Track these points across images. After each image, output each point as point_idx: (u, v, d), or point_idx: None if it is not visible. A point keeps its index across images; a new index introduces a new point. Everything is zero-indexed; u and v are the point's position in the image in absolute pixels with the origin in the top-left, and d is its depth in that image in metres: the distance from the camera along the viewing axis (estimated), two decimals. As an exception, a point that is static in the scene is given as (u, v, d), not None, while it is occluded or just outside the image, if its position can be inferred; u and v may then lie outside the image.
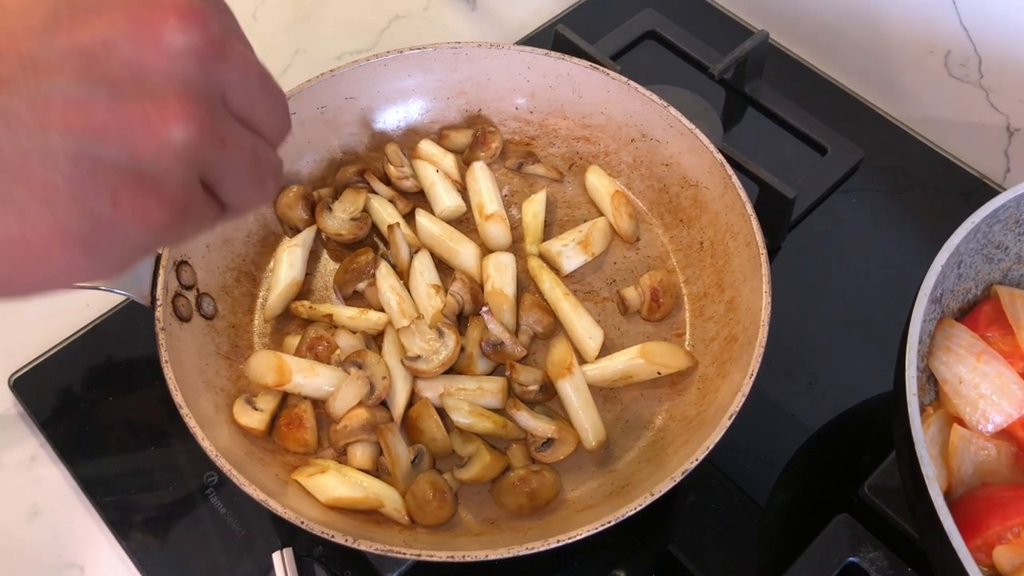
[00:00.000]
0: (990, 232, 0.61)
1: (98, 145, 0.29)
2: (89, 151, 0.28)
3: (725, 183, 0.68)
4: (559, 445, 0.62)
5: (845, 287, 0.78)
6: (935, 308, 0.60)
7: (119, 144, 0.29)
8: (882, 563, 0.61)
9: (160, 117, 0.29)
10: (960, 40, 0.83)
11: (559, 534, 0.53)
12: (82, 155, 0.28)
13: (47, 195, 0.28)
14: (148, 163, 0.30)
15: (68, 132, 0.28)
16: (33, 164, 0.28)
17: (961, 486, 0.57)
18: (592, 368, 0.66)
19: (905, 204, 0.84)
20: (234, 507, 0.66)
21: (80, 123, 0.28)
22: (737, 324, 0.64)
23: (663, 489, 0.54)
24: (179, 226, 0.32)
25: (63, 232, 0.29)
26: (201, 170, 0.32)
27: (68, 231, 0.29)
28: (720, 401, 0.60)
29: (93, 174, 0.29)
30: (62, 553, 0.66)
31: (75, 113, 0.28)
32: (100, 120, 0.29)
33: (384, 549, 0.52)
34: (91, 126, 0.28)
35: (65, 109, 0.28)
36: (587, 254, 0.72)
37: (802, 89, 0.92)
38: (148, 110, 0.29)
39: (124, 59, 0.29)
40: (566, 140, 0.79)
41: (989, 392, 0.58)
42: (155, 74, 0.30)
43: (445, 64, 0.76)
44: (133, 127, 0.29)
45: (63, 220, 0.29)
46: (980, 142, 0.87)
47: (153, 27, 0.30)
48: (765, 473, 0.69)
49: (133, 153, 0.29)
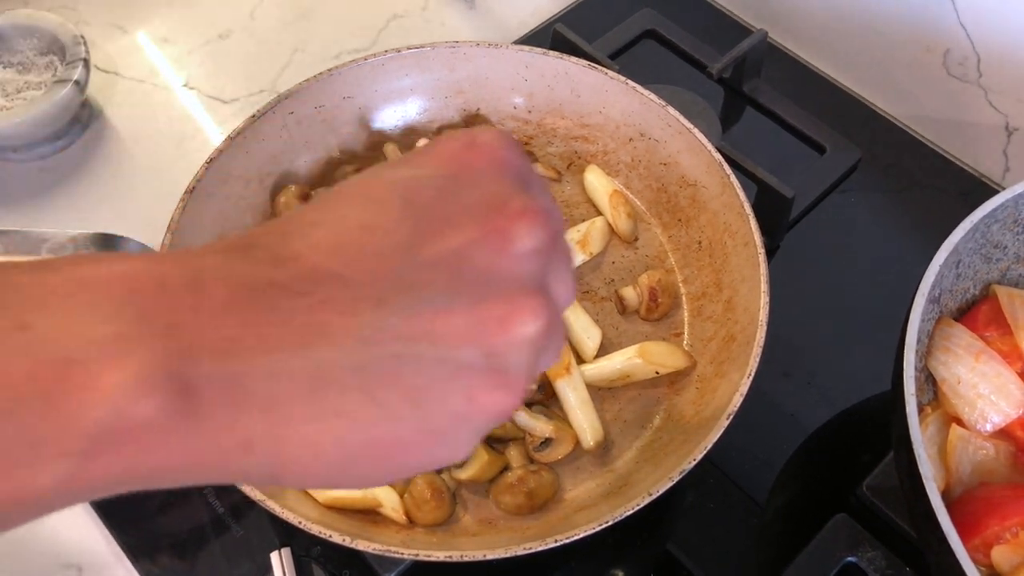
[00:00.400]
0: (989, 231, 0.61)
1: (459, 348, 0.31)
2: (451, 355, 0.31)
3: (723, 182, 0.68)
4: (557, 445, 0.62)
5: (843, 286, 0.78)
6: (933, 308, 0.60)
7: (477, 345, 0.31)
8: (880, 563, 0.61)
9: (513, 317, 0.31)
10: (959, 39, 0.83)
11: (557, 534, 0.53)
12: (445, 360, 0.30)
13: (416, 398, 0.30)
14: (501, 360, 0.32)
15: (433, 340, 0.30)
16: (406, 372, 0.30)
17: (959, 486, 0.57)
18: (590, 368, 0.66)
19: (904, 203, 0.84)
20: (232, 506, 0.66)
21: (443, 331, 0.30)
22: (735, 324, 0.64)
23: (661, 489, 0.54)
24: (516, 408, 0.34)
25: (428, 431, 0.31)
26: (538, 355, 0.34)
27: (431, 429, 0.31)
28: (718, 401, 0.60)
29: (454, 376, 0.31)
30: (59, 553, 0.66)
31: (440, 323, 0.30)
32: (461, 326, 0.31)
33: (382, 549, 0.52)
34: (453, 333, 0.30)
35: (433, 320, 0.30)
36: (585, 253, 0.72)
37: (801, 88, 0.92)
38: (502, 311, 0.31)
39: (479, 267, 0.32)
40: (564, 139, 0.79)
41: (988, 392, 0.58)
42: (505, 277, 0.32)
43: (443, 63, 0.76)
44: (489, 328, 0.31)
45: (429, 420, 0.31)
46: (979, 141, 0.86)
47: (505, 235, 0.32)
48: (763, 472, 0.69)
49: (489, 352, 0.31)
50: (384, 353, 0.30)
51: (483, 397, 0.31)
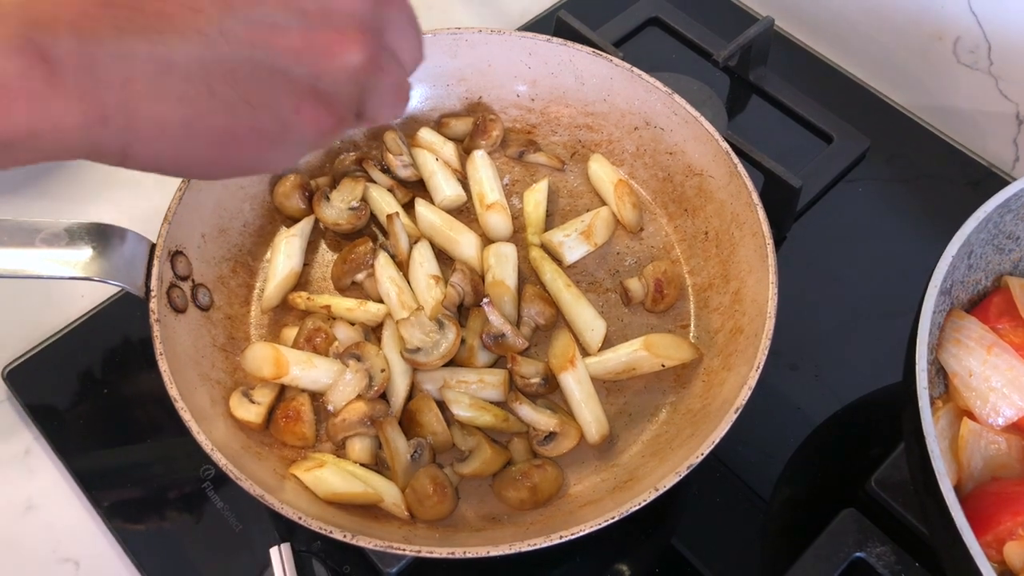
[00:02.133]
0: (1001, 222, 0.60)
1: (291, 64, 0.36)
2: (283, 67, 0.36)
3: (730, 172, 0.67)
4: (561, 439, 0.61)
5: (850, 277, 0.77)
6: (945, 300, 0.59)
7: (307, 64, 0.36)
8: (889, 558, 0.60)
9: (341, 46, 0.37)
10: (969, 26, 0.82)
11: (561, 529, 0.52)
12: (277, 70, 0.36)
13: (250, 99, 0.36)
14: (326, 81, 0.37)
15: (269, 51, 0.35)
16: (242, 73, 0.35)
17: (971, 481, 0.56)
18: (595, 360, 0.65)
19: (912, 193, 0.83)
20: (231, 501, 0.65)
21: (279, 45, 0.36)
22: (743, 316, 0.63)
23: (668, 484, 0.53)
24: (336, 133, 0.39)
25: (259, 130, 0.37)
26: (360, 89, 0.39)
27: (262, 129, 0.37)
28: (725, 394, 0.59)
29: (284, 86, 0.36)
30: (57, 547, 0.65)
31: (276, 37, 0.36)
32: (295, 44, 0.36)
33: (383, 546, 0.51)
34: (288, 48, 0.36)
35: (269, 32, 0.35)
36: (590, 244, 0.71)
37: (807, 77, 0.90)
38: (332, 39, 0.37)
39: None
40: (568, 128, 0.77)
41: (1000, 385, 0.57)
42: (339, 10, 0.37)
43: (445, 50, 0.75)
44: (319, 52, 0.37)
45: (260, 120, 0.36)
46: (989, 130, 0.85)
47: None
48: (770, 467, 0.68)
49: (316, 72, 0.37)
50: (225, 53, 0.35)
51: (307, 111, 0.37)
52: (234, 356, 0.65)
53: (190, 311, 0.64)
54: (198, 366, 0.62)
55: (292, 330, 0.66)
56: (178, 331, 0.61)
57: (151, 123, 0.34)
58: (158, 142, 0.35)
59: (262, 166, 0.39)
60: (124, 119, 0.34)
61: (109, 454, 0.68)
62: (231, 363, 0.65)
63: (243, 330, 0.68)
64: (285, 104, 0.36)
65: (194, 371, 0.61)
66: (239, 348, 0.66)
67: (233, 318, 0.68)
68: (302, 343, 0.65)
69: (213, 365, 0.63)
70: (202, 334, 0.64)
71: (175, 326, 0.61)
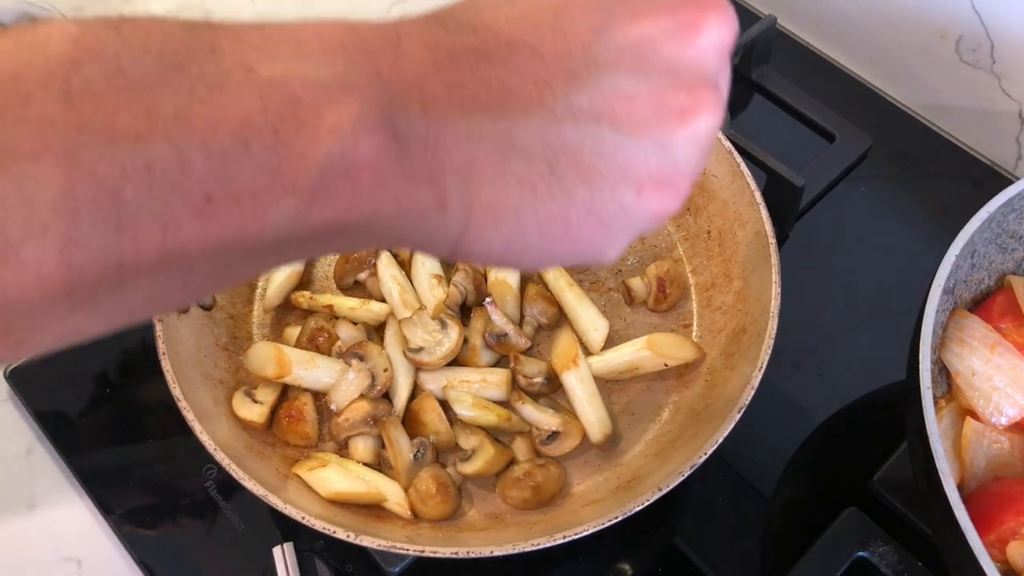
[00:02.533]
0: (1005, 221, 0.60)
1: (638, 137, 0.31)
2: (629, 143, 0.31)
3: (733, 171, 0.67)
4: (564, 438, 0.61)
5: (852, 276, 0.77)
6: (948, 299, 0.59)
7: (655, 134, 0.31)
8: (892, 558, 0.60)
9: (694, 109, 0.32)
10: (972, 25, 0.82)
11: (565, 529, 0.52)
12: (623, 147, 0.31)
13: (591, 180, 0.31)
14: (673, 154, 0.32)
15: (616, 124, 0.31)
16: (586, 152, 0.30)
17: (974, 480, 0.56)
18: (597, 360, 0.65)
19: (914, 192, 0.82)
20: (234, 501, 0.65)
21: (626, 115, 0.31)
22: (746, 315, 0.63)
23: (671, 484, 0.53)
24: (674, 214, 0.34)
25: (595, 217, 0.31)
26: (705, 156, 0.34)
27: (598, 216, 0.31)
28: (729, 394, 0.58)
29: (629, 165, 0.31)
30: (60, 546, 0.65)
31: (623, 105, 0.31)
32: (643, 112, 0.31)
33: (386, 546, 0.51)
34: (635, 118, 0.31)
35: (617, 101, 0.31)
36: (592, 243, 0.71)
37: (810, 75, 0.90)
38: (685, 102, 0.32)
39: (666, 55, 0.32)
40: (570, 127, 0.77)
41: (1003, 385, 0.57)
42: (689, 68, 0.32)
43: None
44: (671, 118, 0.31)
45: (598, 203, 0.31)
46: (992, 129, 0.85)
47: (695, 26, 0.32)
48: (772, 466, 0.68)
49: (665, 144, 0.32)
50: (570, 129, 0.30)
51: (650, 193, 0.32)
52: (237, 356, 0.65)
53: (193, 311, 0.64)
54: (201, 366, 0.62)
55: (295, 329, 0.66)
56: (181, 331, 0.61)
57: (488, 211, 0.30)
58: (493, 231, 0.31)
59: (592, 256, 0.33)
60: (463, 206, 0.30)
61: (111, 453, 0.68)
62: (234, 363, 0.65)
63: (246, 330, 0.68)
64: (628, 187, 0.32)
65: (197, 371, 0.61)
66: (242, 348, 0.66)
67: (236, 317, 0.68)
68: (305, 343, 0.65)
69: (216, 365, 0.63)
70: (205, 334, 0.64)
71: (178, 326, 0.61)
